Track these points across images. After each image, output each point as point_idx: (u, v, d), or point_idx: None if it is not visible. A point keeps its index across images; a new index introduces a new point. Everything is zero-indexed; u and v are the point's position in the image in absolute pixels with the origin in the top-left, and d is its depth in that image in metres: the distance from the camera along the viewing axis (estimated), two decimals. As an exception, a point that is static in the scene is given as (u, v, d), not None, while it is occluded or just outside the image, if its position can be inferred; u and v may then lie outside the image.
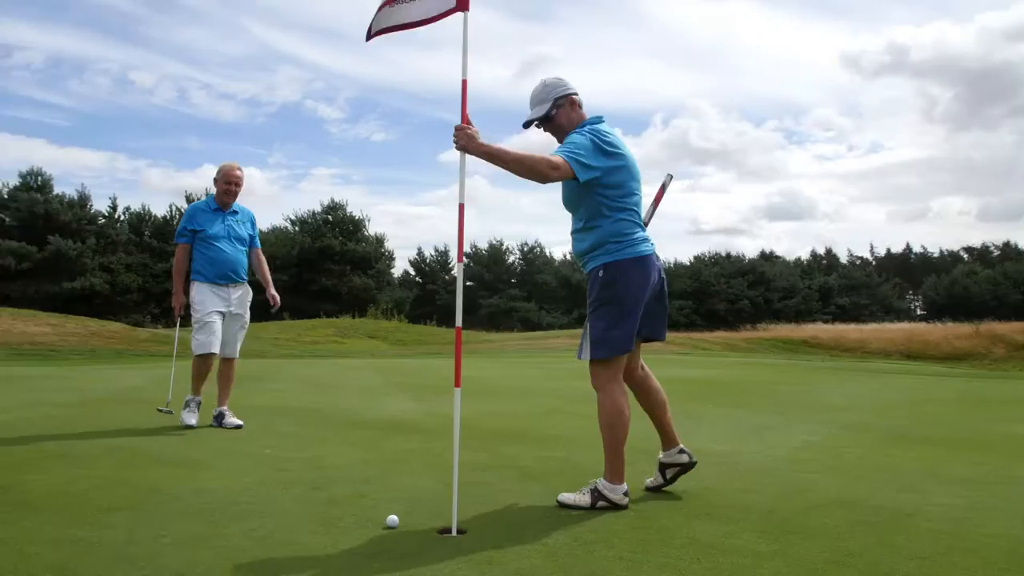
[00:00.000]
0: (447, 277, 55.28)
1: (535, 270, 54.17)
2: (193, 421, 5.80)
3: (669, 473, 3.79)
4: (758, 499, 3.64)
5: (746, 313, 52.57)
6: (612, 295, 3.48)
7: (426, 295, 51.84)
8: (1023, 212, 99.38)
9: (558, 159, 3.39)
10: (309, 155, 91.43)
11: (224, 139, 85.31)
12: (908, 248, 78.63)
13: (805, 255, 71.87)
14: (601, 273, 3.51)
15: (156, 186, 78.03)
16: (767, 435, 5.84)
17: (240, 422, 5.82)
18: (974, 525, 3.22)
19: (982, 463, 4.77)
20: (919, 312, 66.26)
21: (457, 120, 3.48)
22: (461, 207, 3.54)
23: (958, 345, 25.48)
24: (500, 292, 51.34)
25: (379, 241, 47.56)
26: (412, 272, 55.05)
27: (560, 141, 3.67)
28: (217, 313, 5.88)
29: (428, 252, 55.72)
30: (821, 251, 73.83)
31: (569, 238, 3.77)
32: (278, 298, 6.18)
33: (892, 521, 3.26)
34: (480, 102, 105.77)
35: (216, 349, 5.85)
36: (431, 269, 55.00)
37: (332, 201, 47.14)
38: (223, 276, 5.93)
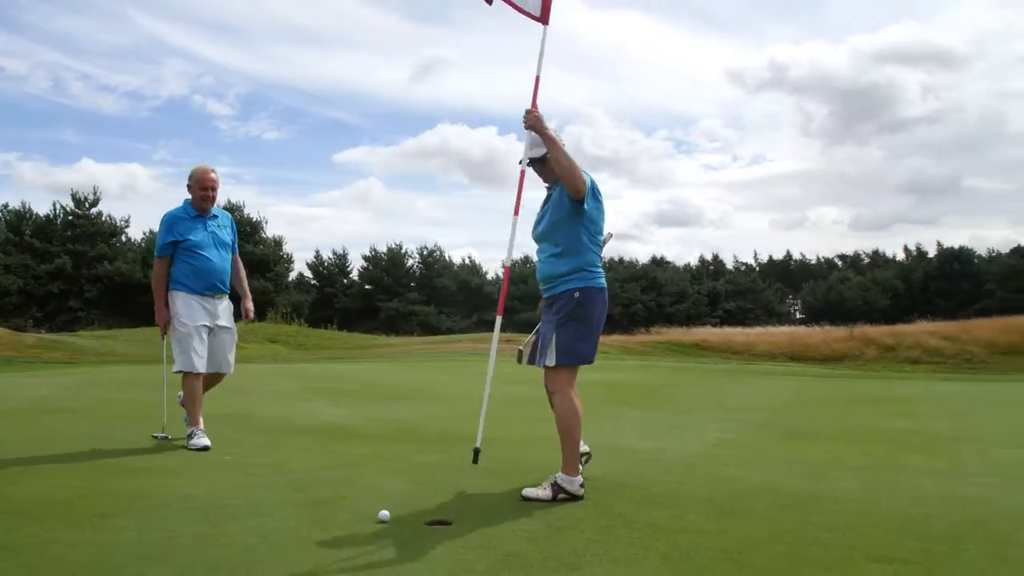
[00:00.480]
0: (345, 281, 54.75)
1: (434, 274, 54.37)
2: (206, 442, 5.32)
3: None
4: (694, 489, 4.18)
5: (639, 317, 54.34)
6: (583, 314, 3.98)
7: (324, 298, 51.23)
8: (891, 222, 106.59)
9: (586, 179, 3.97)
10: (197, 152, 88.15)
11: (104, 133, 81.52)
12: (788, 255, 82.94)
13: (693, 261, 74.91)
14: (577, 294, 4.00)
15: (30, 181, 73.51)
16: (683, 434, 6.44)
17: (207, 442, 5.35)
18: (871, 504, 3.84)
19: (870, 454, 5.49)
20: (799, 316, 70.14)
21: (353, 120, 3.81)
22: (514, 220, 4.36)
23: (835, 347, 27.29)
24: (399, 296, 51.26)
25: (277, 244, 46.72)
26: (309, 275, 54.28)
27: (549, 180, 4.21)
28: (204, 327, 5.45)
29: (326, 255, 55.09)
30: (709, 257, 77.15)
31: (467, 243, 4.40)
32: (253, 311, 5.86)
33: (807, 503, 3.85)
34: (375, 104, 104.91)
35: (203, 367, 5.43)
36: (329, 272, 54.35)
37: (228, 202, 45.95)
38: (210, 287, 5.50)
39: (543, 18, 4.42)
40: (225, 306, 5.66)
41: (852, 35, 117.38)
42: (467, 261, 58.14)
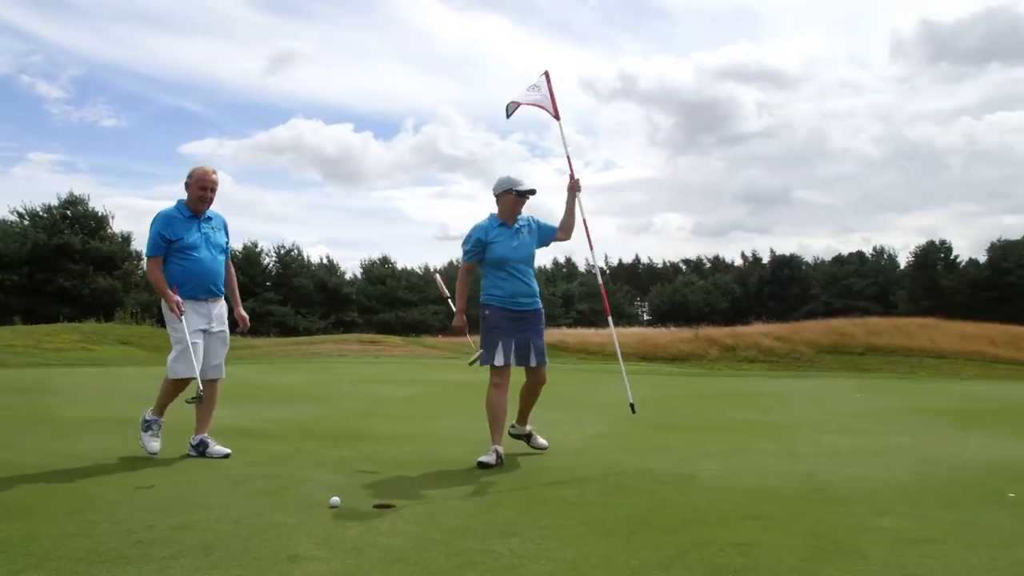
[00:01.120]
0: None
1: (292, 273, 53.36)
2: (157, 446, 5.37)
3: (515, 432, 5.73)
4: (588, 472, 4.92)
5: (497, 318, 55.56)
6: None
7: (174, 298, 49.18)
8: (729, 229, 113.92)
9: None
10: (23, 137, 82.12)
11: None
12: (637, 259, 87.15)
13: (547, 263, 77.27)
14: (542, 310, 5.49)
15: None
16: (565, 427, 7.20)
17: (228, 450, 5.38)
18: (733, 479, 4.71)
19: (725, 441, 6.46)
20: (646, 317, 73.93)
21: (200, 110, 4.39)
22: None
23: (682, 348, 29.22)
24: (255, 295, 49.93)
25: (125, 240, 44.41)
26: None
27: (516, 213, 5.57)
28: (199, 332, 5.32)
29: (176, 252, 52.83)
30: (562, 260, 79.88)
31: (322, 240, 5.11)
32: (247, 319, 5.74)
33: (681, 480, 4.66)
34: (226, 94, 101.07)
35: (197, 374, 5.28)
36: (180, 270, 52.19)
37: (71, 195, 43.32)
38: (205, 290, 5.36)
39: (556, 115, 5.95)
40: (219, 309, 5.53)
41: (696, 51, 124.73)
42: (325, 261, 57.45)
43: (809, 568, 2.93)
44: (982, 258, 65.70)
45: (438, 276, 6.94)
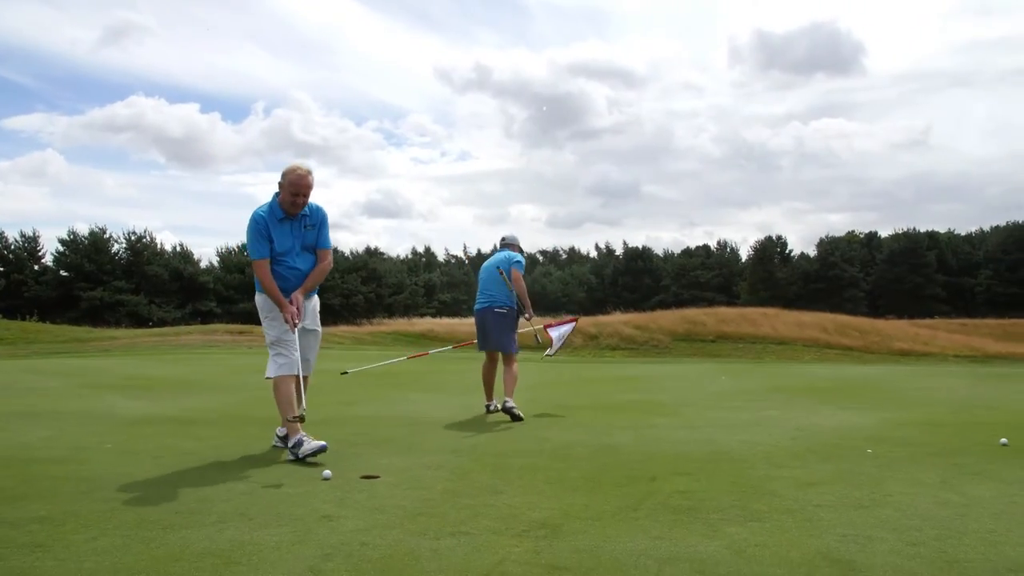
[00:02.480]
0: (36, 267, 49.38)
1: (143, 261, 50.86)
2: (317, 443, 4.99)
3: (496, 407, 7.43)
4: (528, 445, 5.66)
5: (360, 308, 55.32)
6: None
7: (12, 286, 45.81)
8: (582, 221, 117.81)
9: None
10: None
11: None
12: (495, 249, 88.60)
13: (403, 252, 77.55)
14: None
15: None
16: (480, 410, 7.92)
17: (323, 443, 5.01)
18: (650, 449, 5.58)
19: (628, 418, 7.38)
20: (507, 306, 75.46)
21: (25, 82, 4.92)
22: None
23: (547, 336, 30.45)
24: (104, 284, 47.36)
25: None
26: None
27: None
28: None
29: (12, 236, 49.25)
30: (421, 249, 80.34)
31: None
32: (295, 313, 5.15)
33: (607, 449, 5.49)
34: (54, 66, 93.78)
35: (298, 371, 5.14)
36: (17, 257, 48.64)
37: None
38: (291, 282, 5.22)
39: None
40: (312, 305, 5.48)
41: (549, 46, 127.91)
42: (179, 248, 55.15)
43: (742, 504, 3.80)
44: (812, 252, 71.87)
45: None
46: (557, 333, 8.33)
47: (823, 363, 19.91)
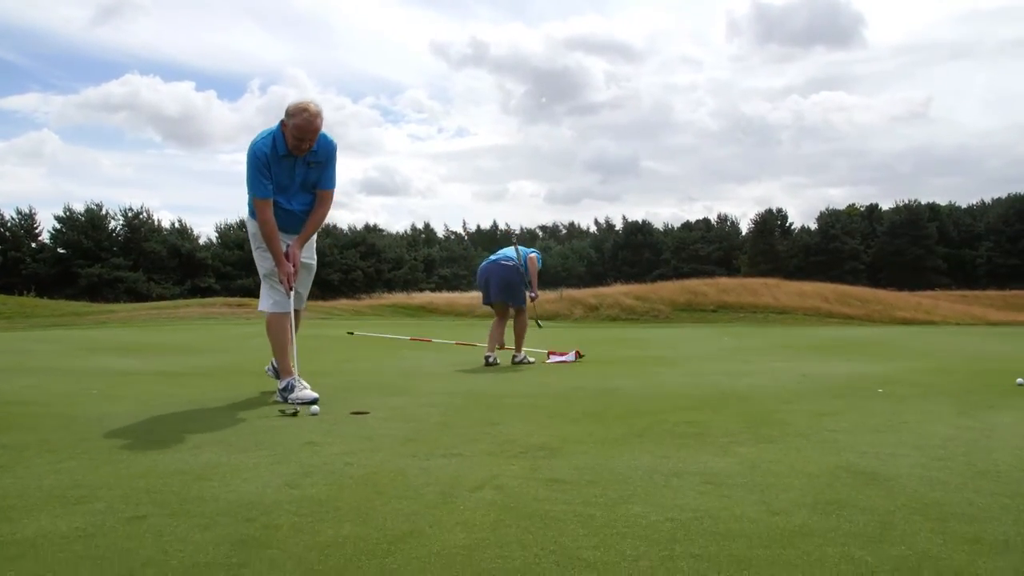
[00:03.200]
0: (34, 244, 49.13)
1: (141, 237, 50.63)
2: (311, 392, 4.64)
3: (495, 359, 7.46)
4: (528, 389, 5.46)
5: (359, 283, 55.15)
6: None
7: (9, 263, 45.62)
8: (581, 196, 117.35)
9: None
10: None
11: None
12: (495, 224, 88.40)
13: (402, 229, 77.25)
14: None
15: None
16: (480, 365, 7.73)
17: (315, 395, 4.65)
18: (652, 391, 5.38)
19: (630, 369, 7.17)
20: (507, 282, 75.30)
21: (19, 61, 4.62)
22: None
23: (548, 308, 30.23)
24: (103, 261, 47.15)
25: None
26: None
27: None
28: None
29: (8, 214, 48.96)
30: (420, 226, 79.99)
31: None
32: (298, 256, 4.89)
33: (610, 392, 5.29)
34: (48, 45, 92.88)
35: (291, 308, 4.87)
36: (13, 235, 48.36)
37: None
38: (292, 229, 4.88)
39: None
40: (309, 242, 5.06)
41: (546, 21, 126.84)
42: (177, 225, 54.86)
43: (751, 430, 3.58)
44: (812, 225, 71.54)
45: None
46: (557, 359, 8.09)
47: (826, 327, 19.69)
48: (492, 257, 8.02)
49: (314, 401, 4.57)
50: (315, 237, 5.15)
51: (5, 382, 6.03)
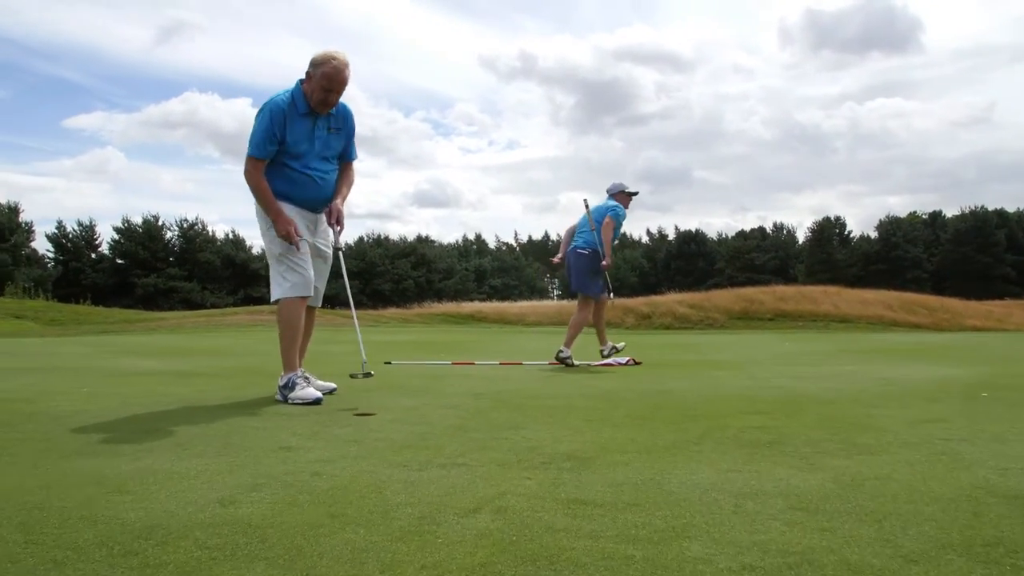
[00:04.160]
0: (94, 255, 50.05)
1: (196, 248, 51.21)
2: (315, 392, 4.10)
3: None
4: (567, 389, 4.76)
5: (410, 293, 54.92)
6: None
7: (70, 274, 46.48)
8: (632, 208, 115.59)
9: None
10: None
11: None
12: (547, 235, 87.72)
13: (453, 241, 77.00)
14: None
15: None
16: (517, 368, 7.05)
17: (333, 385, 4.41)
18: (709, 393, 4.63)
19: (685, 372, 6.42)
20: (556, 292, 74.53)
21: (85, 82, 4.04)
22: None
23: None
24: (158, 271, 47.76)
25: (12, 211, 41.54)
26: (51, 248, 48.89)
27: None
28: (304, 243, 4.19)
29: (70, 227, 49.96)
30: (471, 237, 79.70)
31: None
32: (342, 212, 4.38)
33: (662, 394, 4.56)
34: (112, 66, 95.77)
35: (311, 291, 4.26)
36: (75, 246, 49.32)
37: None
38: (313, 206, 4.30)
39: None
40: (326, 227, 4.43)
41: (594, 32, 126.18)
42: (231, 236, 55.42)
43: (840, 438, 2.83)
44: (872, 234, 69.15)
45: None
46: (606, 361, 7.34)
47: (893, 333, 18.50)
48: (573, 242, 7.74)
49: (317, 401, 3.97)
50: (334, 230, 4.44)
51: (7, 380, 5.57)
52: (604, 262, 7.43)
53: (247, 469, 2.33)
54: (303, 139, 4.12)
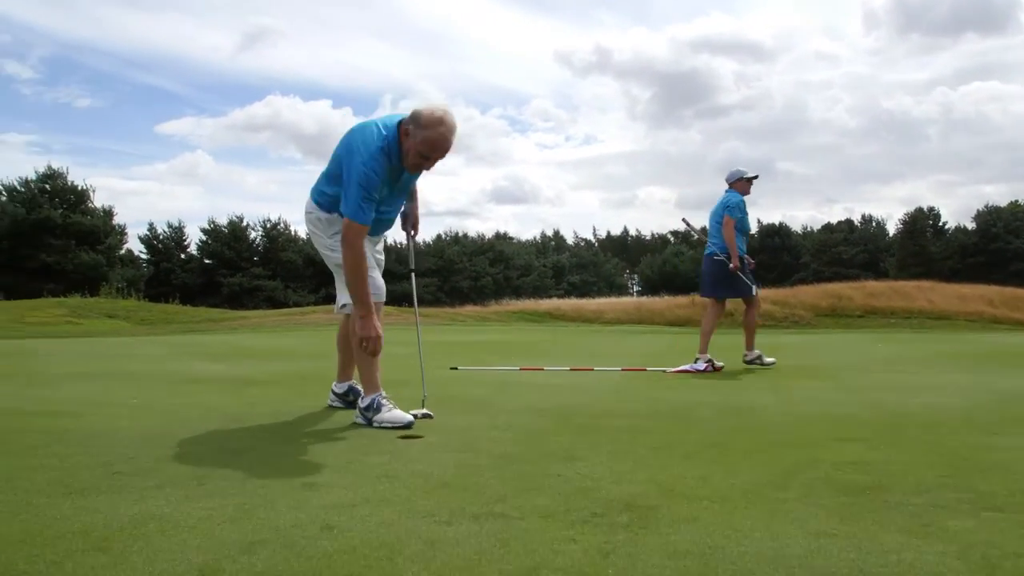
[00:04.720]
0: (183, 255, 51.77)
1: (279, 248, 52.38)
2: (404, 415, 3.70)
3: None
4: (633, 407, 4.35)
5: (488, 290, 54.93)
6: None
7: (160, 274, 48.16)
8: (712, 201, 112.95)
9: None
10: (-6, 118, 79.75)
11: None
12: (625, 231, 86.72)
13: (531, 237, 76.73)
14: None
15: None
16: (587, 374, 6.67)
17: (410, 417, 3.87)
18: (799, 410, 4.15)
19: (768, 380, 5.91)
20: (636, 288, 73.51)
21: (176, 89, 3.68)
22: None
23: (679, 313, 28.66)
24: (243, 270, 49.04)
25: (107, 214, 43.23)
26: (143, 249, 50.76)
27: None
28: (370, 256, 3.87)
29: (161, 228, 51.79)
30: (549, 233, 79.28)
31: None
32: (418, 220, 4.30)
33: (743, 412, 4.10)
34: (199, 72, 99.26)
35: (384, 296, 4.00)
36: (165, 247, 51.11)
37: (49, 168, 42.05)
38: (380, 231, 4.13)
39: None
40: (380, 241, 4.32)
41: (670, 23, 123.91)
42: (313, 235, 56.51)
43: (958, 483, 2.36)
44: (969, 225, 65.64)
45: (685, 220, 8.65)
46: (681, 368, 6.81)
47: (995, 333, 17.28)
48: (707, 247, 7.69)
49: (409, 425, 3.59)
50: (383, 238, 4.26)
51: (62, 388, 5.51)
52: (731, 264, 7.18)
53: (254, 516, 2.04)
54: (386, 186, 3.71)
